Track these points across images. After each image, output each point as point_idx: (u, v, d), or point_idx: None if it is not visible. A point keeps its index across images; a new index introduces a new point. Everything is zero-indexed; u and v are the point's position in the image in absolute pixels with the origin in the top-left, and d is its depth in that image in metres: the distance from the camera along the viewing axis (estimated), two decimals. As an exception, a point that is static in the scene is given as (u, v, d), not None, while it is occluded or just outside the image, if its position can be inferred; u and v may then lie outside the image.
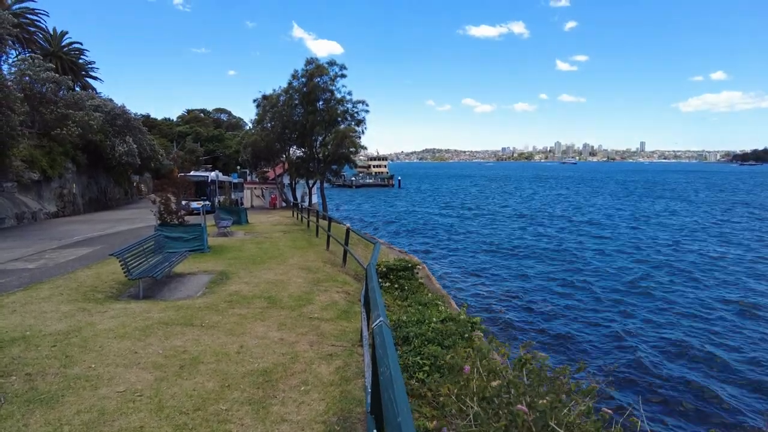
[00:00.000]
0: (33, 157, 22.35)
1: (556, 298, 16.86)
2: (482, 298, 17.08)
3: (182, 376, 4.77)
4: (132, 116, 33.39)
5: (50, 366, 4.87)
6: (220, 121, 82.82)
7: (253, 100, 35.63)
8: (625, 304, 15.98)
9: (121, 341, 5.69)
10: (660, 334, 13.19)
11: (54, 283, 8.86)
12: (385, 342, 2.37)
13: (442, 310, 7.93)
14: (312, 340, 6.02)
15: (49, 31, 39.27)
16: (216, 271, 10.44)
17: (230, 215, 20.11)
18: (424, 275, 15.02)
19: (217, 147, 65.86)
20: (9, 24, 18.57)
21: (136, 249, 8.75)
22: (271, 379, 4.78)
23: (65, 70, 36.69)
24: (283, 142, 35.42)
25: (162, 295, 8.37)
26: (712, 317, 14.77)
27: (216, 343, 5.76)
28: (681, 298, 16.76)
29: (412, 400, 4.21)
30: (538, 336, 13.15)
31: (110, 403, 4.12)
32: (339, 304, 8.06)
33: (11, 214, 19.53)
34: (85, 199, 28.33)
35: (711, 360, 11.64)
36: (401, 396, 1.72)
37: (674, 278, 19.59)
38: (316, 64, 32.69)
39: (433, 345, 5.41)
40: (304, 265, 11.50)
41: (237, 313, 7.14)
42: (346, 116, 34.05)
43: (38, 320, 6.43)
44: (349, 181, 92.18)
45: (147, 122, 50.84)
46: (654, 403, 9.48)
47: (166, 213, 13.27)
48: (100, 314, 6.85)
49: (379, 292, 3.72)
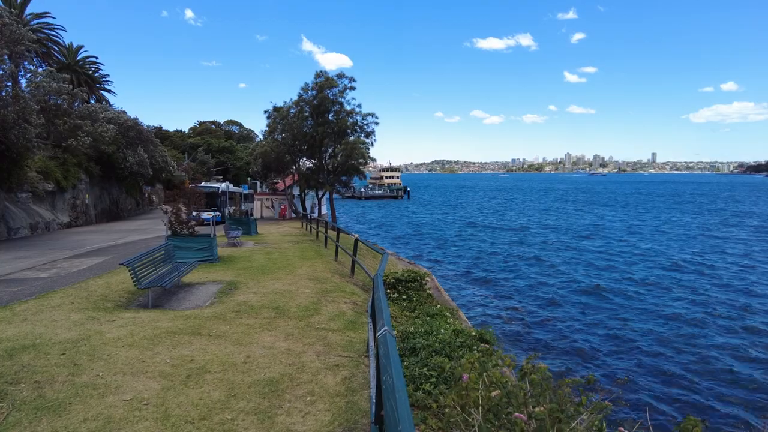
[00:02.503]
0: (47, 168, 22.76)
1: (572, 312, 16.65)
2: (493, 310, 16.93)
3: (189, 385, 4.77)
4: (144, 128, 33.93)
5: (59, 374, 4.90)
6: (232, 133, 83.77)
7: (264, 112, 36.15)
8: (651, 320, 15.62)
9: (129, 350, 5.72)
10: (688, 350, 12.94)
11: (65, 292, 8.95)
12: (388, 351, 2.36)
13: (451, 322, 7.89)
14: (319, 351, 6.00)
15: (65, 45, 40.17)
16: (225, 281, 10.48)
17: (240, 226, 20.23)
18: (433, 286, 14.95)
19: (228, 158, 66.54)
20: (29, 40, 19.03)
21: (146, 258, 8.82)
22: (277, 389, 4.77)
23: (80, 83, 37.42)
24: (293, 153, 35.74)
25: (171, 305, 8.41)
26: (734, 330, 14.52)
27: (223, 352, 5.76)
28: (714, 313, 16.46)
29: (418, 412, 4.17)
30: (549, 348, 12.99)
31: (117, 411, 4.13)
32: (346, 314, 8.04)
33: (25, 224, 19.84)
34: (98, 210, 28.70)
35: (728, 375, 11.44)
36: (403, 405, 1.70)
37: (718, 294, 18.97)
38: (325, 76, 33.11)
39: (440, 356, 5.37)
40: (312, 276, 11.50)
41: (244, 323, 7.14)
42: (356, 128, 34.35)
43: (48, 329, 6.49)
44: (358, 193, 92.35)
45: (159, 134, 51.61)
46: (665, 416, 9.29)
47: (176, 223, 13.39)
48: (109, 323, 6.90)
49: (386, 301, 3.71)
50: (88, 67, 42.46)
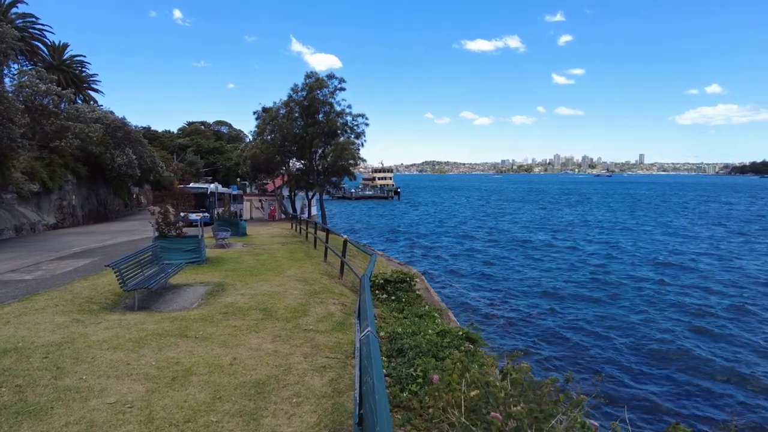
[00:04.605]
0: (33, 168, 22.44)
1: (560, 311, 16.78)
2: (483, 309, 17.01)
3: (174, 387, 4.74)
4: (132, 128, 33.59)
5: (41, 377, 4.84)
6: (221, 134, 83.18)
7: (254, 113, 35.94)
8: (639, 319, 15.81)
9: (114, 352, 5.66)
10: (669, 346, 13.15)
11: (49, 294, 8.83)
12: (371, 352, 2.36)
13: (439, 323, 7.91)
14: (306, 352, 5.99)
15: (51, 45, 39.68)
16: (212, 282, 10.41)
17: (229, 227, 20.09)
18: (423, 287, 14.98)
19: (218, 159, 66.08)
20: (12, 38, 18.76)
21: (133, 260, 8.74)
22: (263, 390, 4.75)
23: (67, 83, 36.99)
24: (283, 154, 35.58)
25: (157, 307, 8.34)
26: (704, 323, 14.81)
27: (209, 354, 5.73)
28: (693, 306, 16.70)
29: (403, 412, 4.18)
30: (535, 345, 13.09)
31: (100, 414, 4.09)
32: (335, 315, 8.03)
33: (10, 225, 19.55)
34: (85, 211, 28.37)
35: (698, 363, 11.79)
36: (382, 406, 1.71)
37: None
38: (315, 77, 33.04)
39: (427, 357, 5.39)
40: (301, 277, 11.47)
41: (232, 324, 7.11)
42: (346, 129, 34.30)
43: (31, 331, 6.40)
44: (348, 193, 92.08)
45: (147, 134, 51.10)
46: (642, 412, 9.44)
47: (164, 225, 13.27)
48: (94, 325, 6.82)
49: (371, 302, 3.72)
50: (74, 67, 42.00)
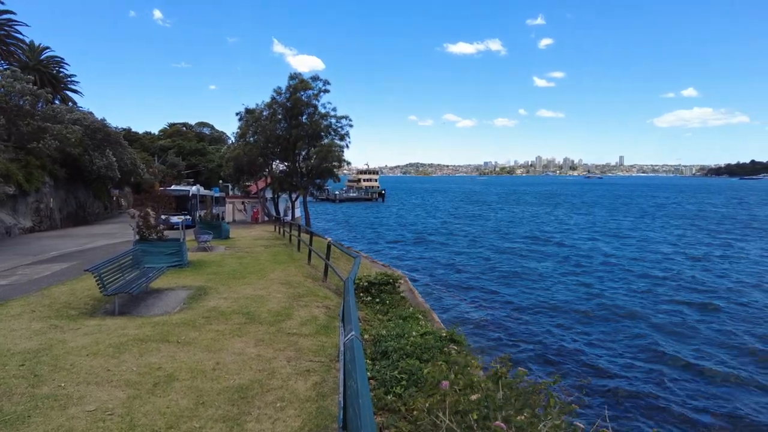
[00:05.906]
0: (8, 170, 21.87)
1: (544, 312, 16.95)
2: (466, 310, 17.11)
3: (156, 393, 4.67)
4: (112, 130, 32.97)
5: (17, 386, 4.73)
6: (203, 135, 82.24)
7: (236, 114, 35.60)
8: (620, 322, 16.02)
9: (94, 359, 5.56)
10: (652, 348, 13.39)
11: (26, 299, 8.63)
12: (354, 356, 2.38)
13: (423, 324, 7.95)
14: (290, 356, 5.96)
15: (28, 44, 38.80)
16: (195, 286, 10.29)
17: (211, 230, 19.85)
18: (407, 289, 15.02)
19: (200, 161, 65.31)
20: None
21: (113, 264, 8.59)
22: (246, 395, 4.72)
23: (44, 83, 36.16)
24: (266, 156, 35.32)
25: (138, 311, 8.21)
26: (685, 323, 15.10)
27: (192, 359, 5.66)
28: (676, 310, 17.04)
29: (388, 415, 4.20)
30: (521, 349, 13.20)
31: (79, 423, 4.02)
32: (319, 319, 8.01)
33: (-16, 229, 19.03)
34: (63, 214, 27.75)
35: (679, 366, 11.99)
36: (366, 409, 1.72)
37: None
38: (299, 78, 32.90)
39: (411, 359, 5.41)
40: (284, 280, 11.40)
41: (214, 329, 7.04)
42: (330, 131, 34.22)
43: (7, 338, 6.25)
44: (332, 195, 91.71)
45: (128, 136, 50.25)
46: (624, 414, 9.59)
47: (145, 228, 13.07)
48: (72, 331, 6.69)
49: (354, 306, 3.72)
50: (51, 67, 41.10)
